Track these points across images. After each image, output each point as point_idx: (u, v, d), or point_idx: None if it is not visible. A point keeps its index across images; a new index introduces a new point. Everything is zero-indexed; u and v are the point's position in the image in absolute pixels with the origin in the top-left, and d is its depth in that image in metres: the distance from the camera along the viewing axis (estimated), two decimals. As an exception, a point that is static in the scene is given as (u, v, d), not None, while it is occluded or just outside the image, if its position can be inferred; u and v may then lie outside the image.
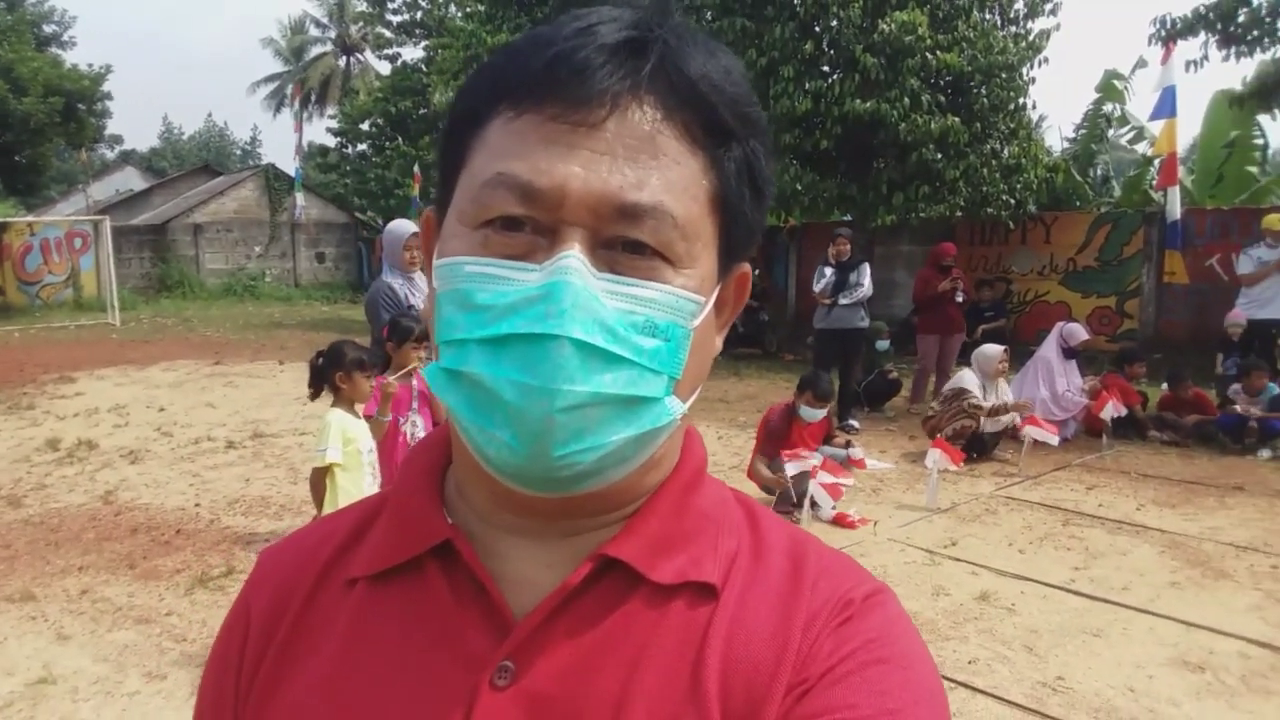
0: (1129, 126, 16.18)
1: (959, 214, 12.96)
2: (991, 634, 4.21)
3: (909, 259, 14.79)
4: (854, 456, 6.52)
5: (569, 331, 0.56)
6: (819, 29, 12.49)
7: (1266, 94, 12.15)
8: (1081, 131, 16.69)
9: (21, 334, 16.58)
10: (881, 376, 9.73)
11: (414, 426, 4.65)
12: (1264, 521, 5.96)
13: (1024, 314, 13.91)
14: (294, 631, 0.69)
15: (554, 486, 0.61)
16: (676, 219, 0.59)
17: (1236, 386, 8.30)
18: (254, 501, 6.24)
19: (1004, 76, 12.34)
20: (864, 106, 11.70)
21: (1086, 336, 8.78)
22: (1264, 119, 14.21)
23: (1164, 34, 11.55)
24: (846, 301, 8.60)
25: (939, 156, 12.03)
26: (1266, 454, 7.72)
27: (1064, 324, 8.89)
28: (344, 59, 43.17)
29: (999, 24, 13.03)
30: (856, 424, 8.72)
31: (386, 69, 31.84)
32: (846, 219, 13.71)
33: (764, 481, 6.07)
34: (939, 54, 11.81)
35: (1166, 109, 11.46)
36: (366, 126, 28.78)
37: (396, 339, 4.64)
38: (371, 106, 28.12)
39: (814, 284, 8.94)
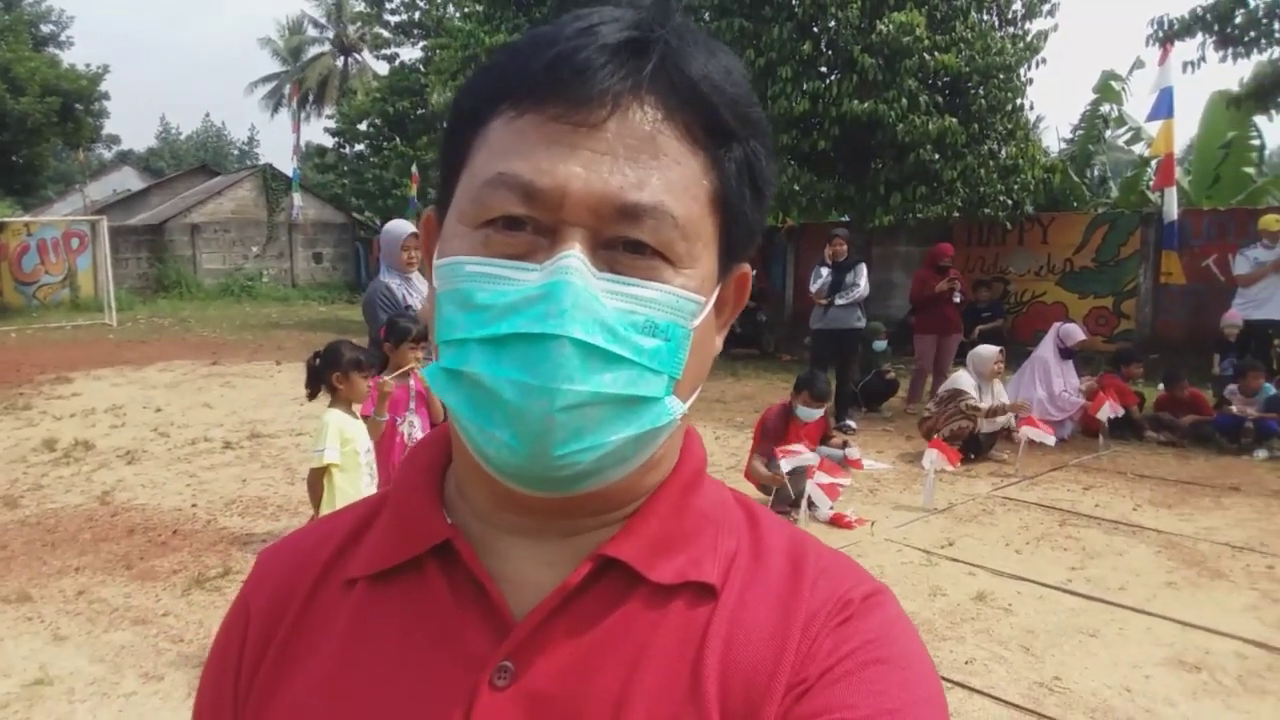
0: (1126, 127, 16.21)
1: (956, 214, 12.98)
2: (988, 634, 4.22)
3: (906, 259, 14.81)
4: (851, 457, 6.52)
5: (569, 331, 0.56)
6: (817, 29, 12.50)
7: (1263, 95, 12.16)
8: (1079, 132, 16.72)
9: (18, 334, 16.55)
10: (879, 377, 9.74)
11: (411, 427, 4.66)
12: (1260, 521, 5.97)
13: (1021, 314, 13.93)
14: (293, 631, 0.69)
15: (554, 486, 0.61)
16: (677, 219, 0.59)
17: (1233, 387, 8.31)
18: (251, 502, 6.23)
19: (1002, 77, 12.36)
20: (862, 107, 11.71)
21: (1083, 337, 8.78)
22: (1261, 120, 14.26)
23: (1161, 35, 11.56)
24: (843, 302, 8.60)
25: (936, 157, 12.05)
26: (1263, 454, 7.73)
27: (1061, 324, 8.90)
28: (342, 59, 43.14)
29: (997, 25, 13.04)
30: (854, 424, 8.73)
31: (384, 69, 31.85)
32: (844, 219, 13.72)
33: (761, 479, 6.08)
34: (937, 55, 11.82)
35: (1164, 110, 11.49)
36: (364, 127, 28.76)
37: (394, 339, 4.65)
38: (369, 107, 28.10)
39: (810, 284, 8.95)
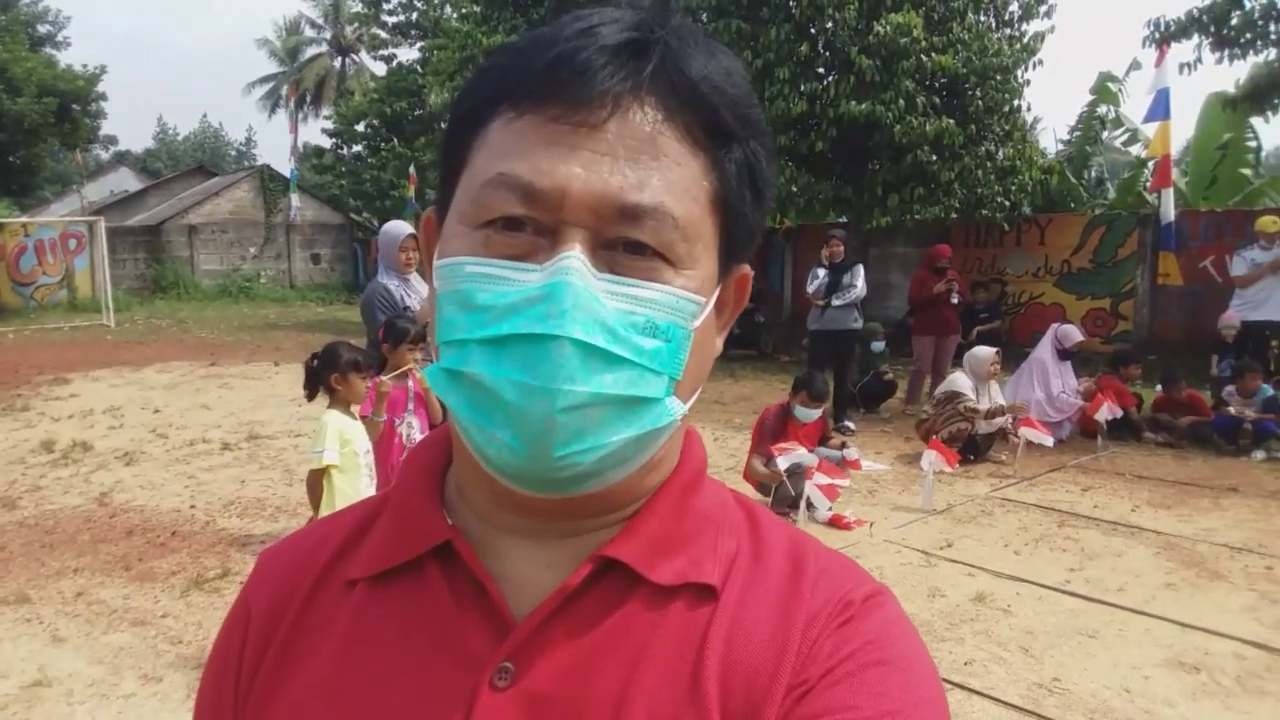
0: (1123, 128, 16.25)
1: (954, 216, 13.00)
2: (987, 635, 4.22)
3: (904, 261, 14.82)
4: (849, 457, 6.52)
5: (570, 332, 0.56)
6: (814, 31, 12.52)
7: (1259, 96, 12.19)
8: (1076, 133, 16.73)
9: (16, 335, 16.53)
10: (877, 378, 9.75)
11: (410, 428, 4.66)
12: (1258, 522, 5.98)
13: (1019, 315, 13.94)
14: (294, 632, 0.69)
15: (554, 487, 0.61)
16: (677, 220, 0.59)
17: (1231, 388, 8.31)
18: (249, 503, 6.22)
19: (999, 78, 12.39)
20: (859, 108, 11.73)
21: (1081, 338, 8.79)
22: (1257, 121, 14.29)
23: (1158, 36, 11.58)
24: (839, 303, 8.60)
25: (934, 158, 12.06)
26: (1260, 455, 7.74)
27: (1059, 325, 8.90)
28: (339, 60, 43.15)
29: (994, 26, 13.07)
30: (852, 425, 8.73)
31: (382, 70, 31.81)
32: (842, 221, 13.73)
33: (760, 478, 6.08)
34: (934, 56, 11.83)
35: (1160, 111, 11.52)
36: (362, 127, 28.73)
37: (392, 340, 4.65)
38: (367, 107, 28.08)
39: (807, 286, 8.96)
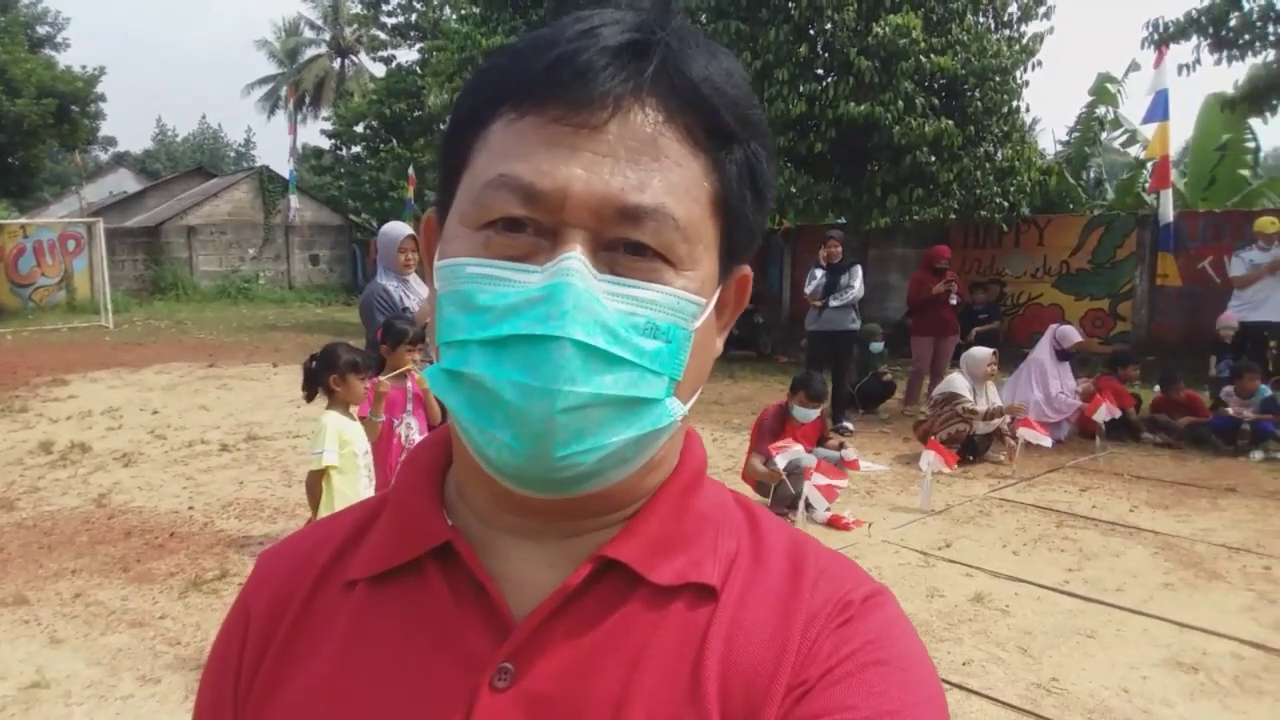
0: (1122, 129, 16.25)
1: (953, 217, 13.00)
2: (986, 635, 4.22)
3: (903, 261, 14.82)
4: (847, 458, 6.52)
5: (570, 333, 0.56)
6: (813, 32, 12.53)
7: (1258, 97, 12.20)
8: (1075, 134, 16.75)
9: (14, 336, 16.51)
10: (876, 379, 9.75)
11: (408, 429, 4.66)
12: (1256, 523, 5.98)
13: (1017, 316, 13.94)
14: (293, 633, 0.69)
15: (554, 487, 0.61)
16: (678, 221, 0.59)
17: (1229, 389, 8.32)
18: (248, 504, 6.22)
19: (997, 80, 12.39)
20: (858, 109, 11.73)
21: (1080, 339, 8.79)
22: (1255, 122, 14.29)
23: (1156, 37, 11.60)
24: (837, 304, 8.60)
25: (933, 159, 12.07)
26: (1258, 455, 7.75)
27: (1057, 326, 8.90)
28: (338, 61, 43.13)
29: (993, 27, 13.08)
30: (851, 426, 8.73)
31: (381, 71, 31.79)
32: (840, 222, 13.74)
33: (759, 477, 6.08)
34: (933, 57, 11.84)
35: (1159, 112, 11.53)
36: (361, 129, 28.72)
37: (391, 341, 4.65)
38: (366, 109, 28.07)
39: (805, 286, 8.96)
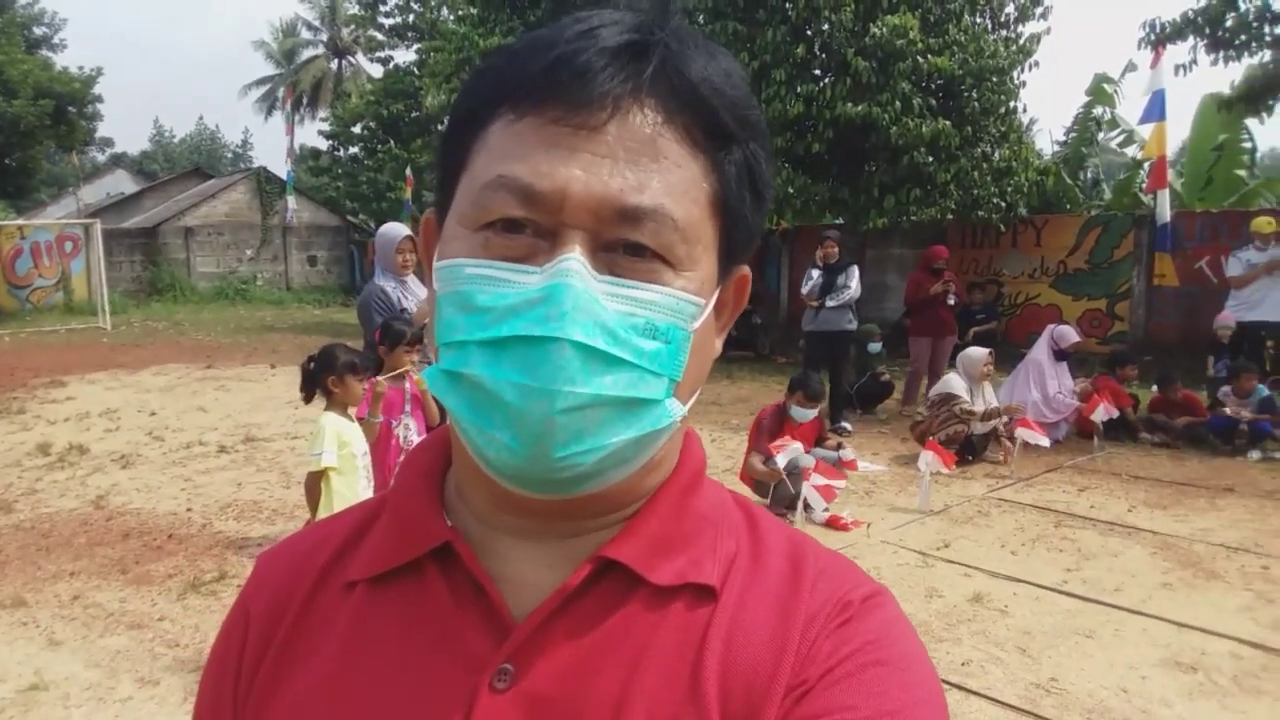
0: (1119, 130, 16.26)
1: (950, 217, 13.01)
2: (984, 635, 4.23)
3: (900, 262, 14.83)
4: (845, 458, 6.52)
5: (569, 334, 0.56)
6: (810, 33, 12.53)
7: (1254, 98, 12.23)
8: (1072, 135, 16.75)
9: (11, 338, 16.49)
10: (874, 379, 9.75)
11: (407, 430, 4.66)
12: (1254, 522, 5.99)
13: (1015, 316, 13.95)
14: (293, 634, 0.69)
15: (554, 488, 0.61)
16: (677, 222, 0.59)
17: (1227, 389, 8.33)
18: (246, 506, 6.21)
19: (995, 80, 12.40)
20: (855, 110, 11.73)
21: (1077, 339, 8.79)
22: (1252, 122, 14.30)
23: (1153, 38, 11.61)
24: (833, 304, 8.60)
25: (930, 160, 12.07)
26: (1256, 455, 7.75)
27: (1055, 326, 8.91)
28: (335, 62, 43.11)
29: (990, 28, 13.09)
30: (849, 426, 8.73)
31: (378, 72, 31.77)
32: (838, 222, 13.75)
33: (758, 476, 6.08)
34: (930, 58, 11.85)
35: (1156, 112, 11.54)
36: (358, 129, 28.72)
37: (389, 342, 4.65)
38: (363, 109, 28.07)
39: (802, 287, 8.98)
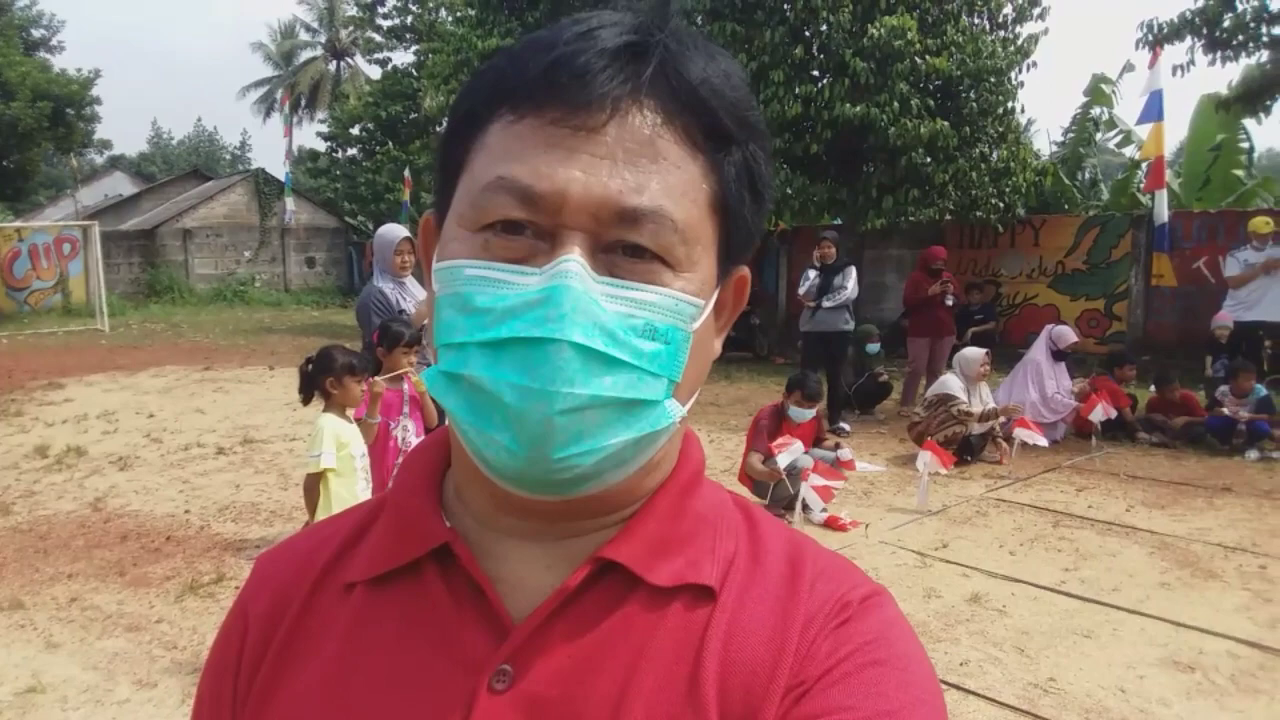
0: (1117, 130, 16.28)
1: (948, 217, 13.02)
2: (983, 635, 4.23)
3: (899, 262, 14.84)
4: (843, 458, 6.52)
5: (569, 335, 0.56)
6: (809, 34, 12.53)
7: (1251, 98, 12.25)
8: (1069, 135, 16.78)
9: (9, 340, 16.46)
10: (872, 379, 9.74)
11: (405, 431, 4.66)
12: (1252, 522, 6.00)
13: (1013, 317, 13.96)
14: (292, 635, 0.69)
15: (553, 489, 0.61)
16: (676, 223, 0.59)
17: (1224, 388, 8.34)
18: (244, 508, 6.21)
19: (993, 81, 12.41)
20: (854, 111, 11.74)
21: (1075, 339, 8.80)
22: (1249, 123, 14.33)
23: (1151, 39, 11.63)
24: (830, 304, 8.61)
25: (928, 160, 12.09)
26: (1254, 455, 7.76)
27: (1053, 326, 8.92)
28: (334, 63, 43.11)
29: (987, 28, 13.09)
30: (847, 426, 8.74)
31: (376, 73, 31.81)
32: (836, 223, 13.76)
33: (758, 475, 6.08)
34: (928, 58, 11.86)
35: (1154, 113, 11.56)
36: (356, 131, 28.73)
37: (387, 344, 4.65)
38: (361, 111, 28.08)
39: (799, 287, 9.00)
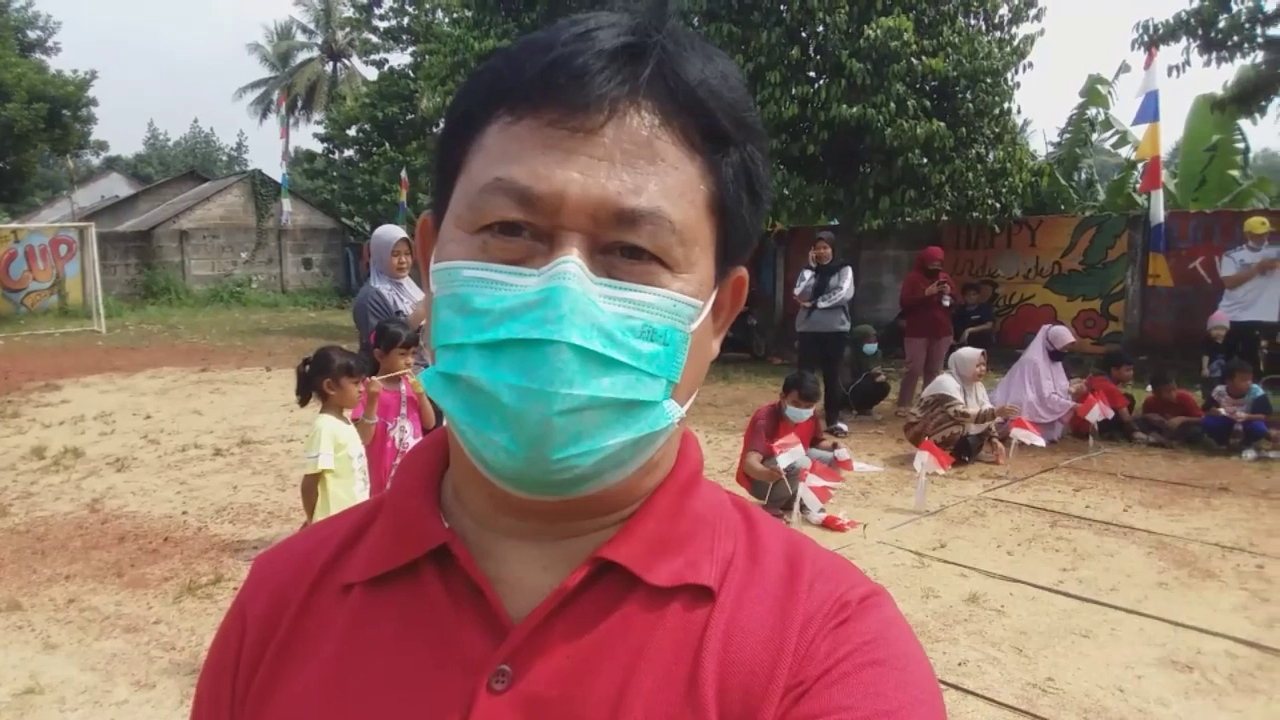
0: (1112, 130, 16.31)
1: (945, 218, 13.04)
2: (981, 635, 4.23)
3: (896, 263, 14.86)
4: (840, 457, 6.53)
5: (567, 337, 0.56)
6: (805, 35, 12.54)
7: (1247, 99, 12.26)
8: (1066, 135, 16.81)
9: (6, 341, 16.43)
10: (869, 380, 9.75)
11: (403, 432, 4.66)
12: (1249, 521, 6.01)
13: (1010, 317, 13.98)
14: (290, 636, 0.69)
15: (551, 489, 0.61)
16: (674, 224, 0.59)
17: (1221, 388, 8.36)
18: (242, 509, 6.20)
19: (989, 81, 12.43)
20: (850, 111, 11.75)
21: (1072, 339, 8.81)
22: (1245, 123, 14.36)
23: (1146, 39, 11.64)
24: (825, 305, 8.62)
25: (925, 161, 12.09)
26: (1251, 455, 7.77)
27: (1049, 327, 8.93)
28: (330, 64, 43.06)
29: (984, 29, 13.11)
30: (845, 427, 8.74)
31: (373, 74, 31.79)
32: (833, 223, 13.76)
33: (757, 475, 6.08)
34: (924, 59, 11.87)
35: (1149, 113, 11.57)
36: (353, 132, 28.73)
37: (384, 345, 4.65)
38: (358, 112, 28.07)
39: (795, 287, 9.01)
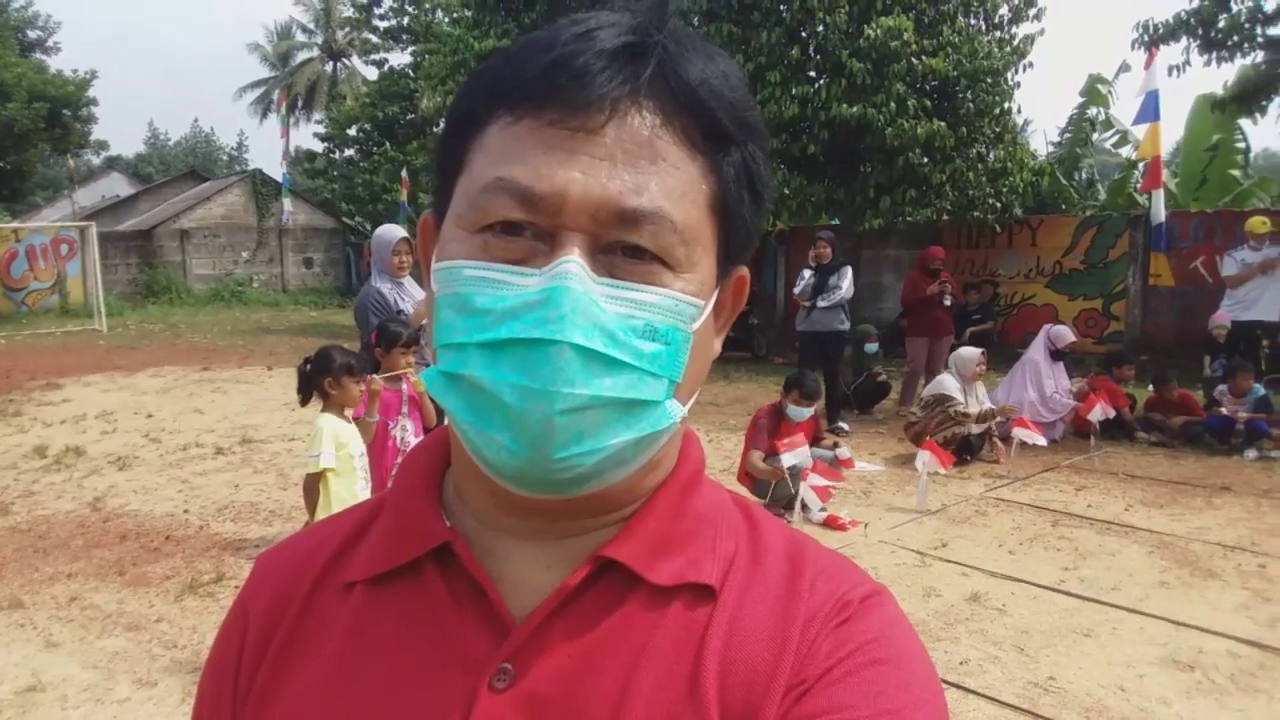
0: (1113, 130, 16.30)
1: (946, 218, 13.03)
2: (983, 635, 4.23)
3: (896, 263, 14.85)
4: (841, 457, 6.53)
5: (569, 337, 0.56)
6: (805, 34, 12.55)
7: (1247, 98, 12.27)
8: (1066, 135, 16.81)
9: (7, 340, 16.45)
10: (870, 379, 9.75)
11: (403, 430, 4.66)
12: (1250, 521, 6.01)
13: (1011, 317, 13.97)
14: (292, 635, 0.69)
15: (553, 488, 0.61)
16: (676, 224, 0.59)
17: (1223, 388, 8.35)
18: (243, 507, 6.21)
19: (989, 81, 12.42)
20: (851, 111, 11.75)
21: (1073, 339, 8.81)
22: (1245, 123, 14.35)
23: (1146, 39, 11.64)
24: (825, 304, 8.62)
25: (925, 161, 12.09)
26: (1252, 454, 7.77)
27: (1051, 326, 8.93)
28: (330, 64, 43.07)
29: (984, 29, 13.11)
30: (846, 426, 8.74)
31: (373, 74, 31.81)
32: (833, 223, 13.77)
33: (759, 473, 6.08)
34: (924, 59, 11.87)
35: (1150, 113, 11.58)
36: (354, 132, 28.73)
37: (385, 344, 4.65)
38: (359, 112, 28.07)
39: (795, 287, 9.02)
